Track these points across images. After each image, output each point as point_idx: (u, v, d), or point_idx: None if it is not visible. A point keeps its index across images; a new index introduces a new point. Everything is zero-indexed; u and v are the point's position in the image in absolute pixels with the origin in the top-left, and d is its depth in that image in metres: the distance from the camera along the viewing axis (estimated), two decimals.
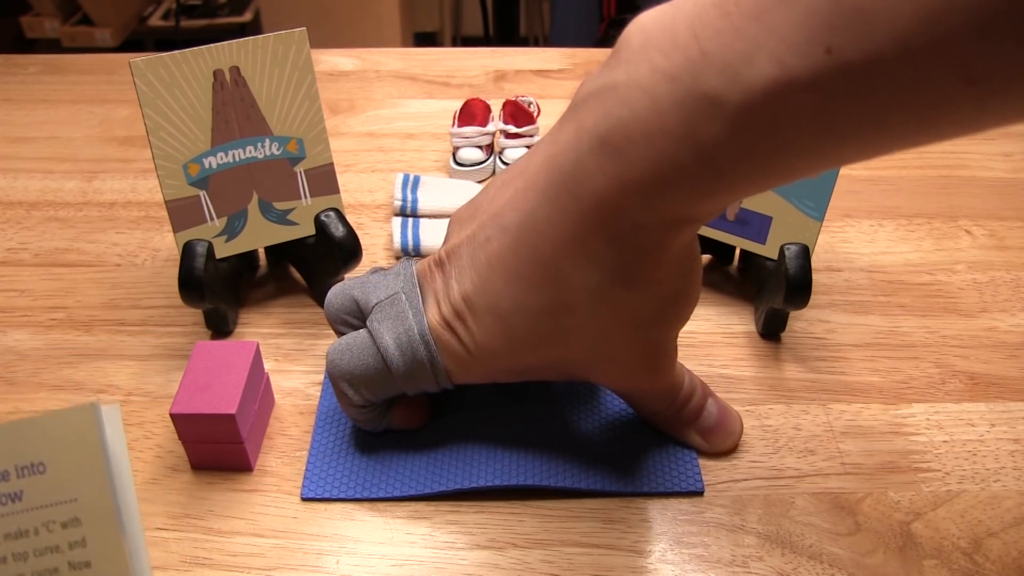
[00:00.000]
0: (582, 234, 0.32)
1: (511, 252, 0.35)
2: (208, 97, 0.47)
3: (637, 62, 0.29)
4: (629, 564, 0.38)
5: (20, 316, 0.53)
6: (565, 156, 0.32)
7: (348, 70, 0.84)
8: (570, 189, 0.32)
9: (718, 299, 0.54)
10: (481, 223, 0.36)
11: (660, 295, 0.35)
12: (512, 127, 0.67)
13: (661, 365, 0.39)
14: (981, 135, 0.72)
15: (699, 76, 0.27)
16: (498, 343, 0.36)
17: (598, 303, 0.34)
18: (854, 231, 0.61)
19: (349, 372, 0.38)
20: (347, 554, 0.39)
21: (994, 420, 0.45)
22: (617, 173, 0.30)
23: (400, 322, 0.38)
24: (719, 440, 0.43)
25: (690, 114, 0.27)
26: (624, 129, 0.29)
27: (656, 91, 0.28)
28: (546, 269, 0.34)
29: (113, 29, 2.15)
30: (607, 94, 0.30)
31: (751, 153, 0.27)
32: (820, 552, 0.38)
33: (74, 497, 0.28)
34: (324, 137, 0.50)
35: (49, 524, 0.28)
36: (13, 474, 0.28)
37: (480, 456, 0.42)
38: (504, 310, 0.35)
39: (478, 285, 0.36)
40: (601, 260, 0.33)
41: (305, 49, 0.48)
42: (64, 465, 0.28)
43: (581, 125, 0.31)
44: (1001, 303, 0.54)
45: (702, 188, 0.29)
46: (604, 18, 1.91)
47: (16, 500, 0.28)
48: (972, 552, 0.38)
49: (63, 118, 0.76)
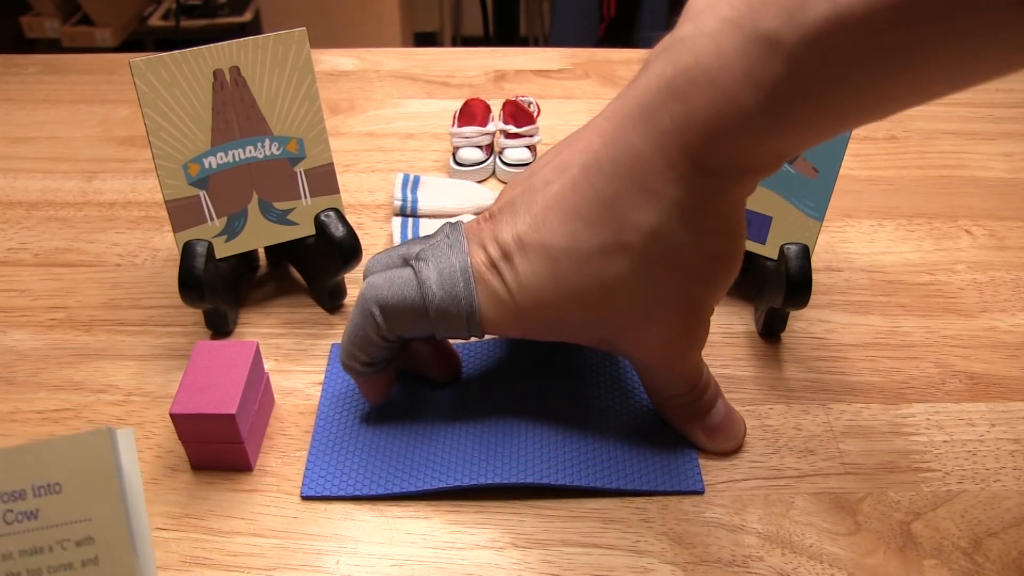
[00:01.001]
0: (646, 173, 0.34)
1: (571, 190, 0.36)
2: (208, 97, 0.47)
3: (704, 16, 0.31)
4: (629, 564, 0.38)
5: (20, 316, 0.53)
6: (634, 100, 0.34)
7: (348, 70, 0.84)
8: (637, 130, 0.34)
9: None
10: (540, 175, 0.37)
11: (709, 249, 0.36)
12: (512, 127, 0.67)
13: (695, 336, 0.40)
14: (981, 135, 0.72)
15: (759, 20, 0.29)
16: (544, 286, 0.37)
17: (651, 245, 0.35)
18: (854, 231, 0.61)
19: (385, 299, 0.38)
20: (347, 554, 0.39)
21: (994, 420, 0.45)
22: (682, 114, 0.32)
23: (442, 259, 0.38)
24: (722, 440, 0.43)
25: (750, 56, 0.29)
26: (689, 73, 0.31)
27: (720, 38, 0.30)
28: (605, 207, 0.35)
29: (113, 29, 2.15)
30: (675, 45, 0.32)
31: (808, 91, 0.29)
32: (820, 552, 0.38)
33: (88, 517, 0.29)
34: (324, 137, 0.50)
35: (64, 542, 0.29)
36: (30, 493, 0.29)
37: (480, 454, 0.42)
38: (556, 248, 0.36)
39: (532, 225, 0.36)
40: (661, 200, 0.34)
41: (305, 49, 0.48)
42: (79, 486, 0.29)
43: (650, 74, 0.33)
44: (1001, 303, 0.54)
45: (761, 128, 0.31)
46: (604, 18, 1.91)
47: (32, 518, 0.29)
48: (972, 552, 0.38)
49: (63, 118, 0.76)
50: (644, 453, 0.43)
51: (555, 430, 0.43)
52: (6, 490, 0.29)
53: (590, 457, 0.42)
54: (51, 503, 0.29)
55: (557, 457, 0.42)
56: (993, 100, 0.78)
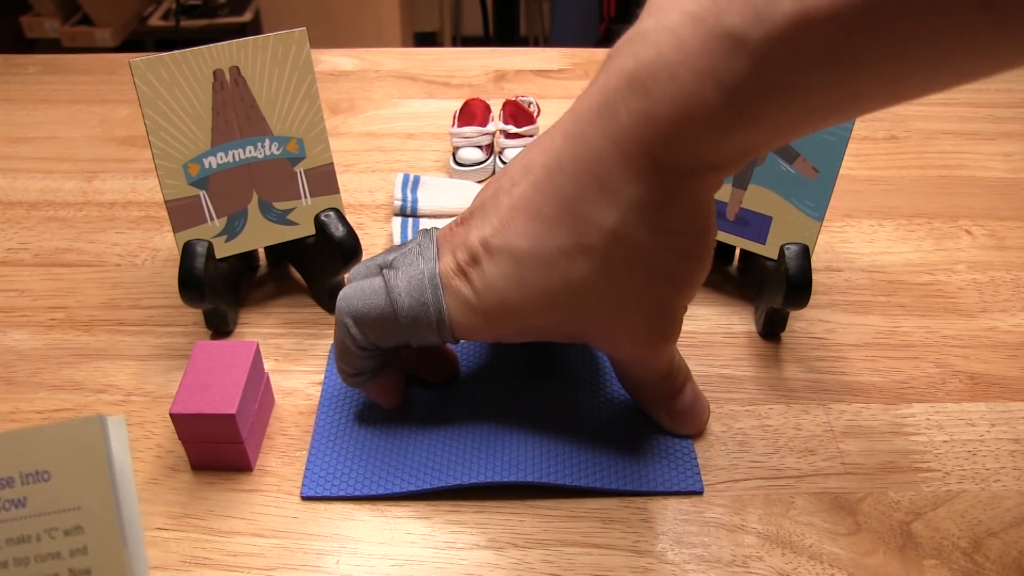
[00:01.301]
0: (605, 171, 0.33)
1: (534, 190, 0.35)
2: (208, 97, 0.47)
3: (667, 9, 0.30)
4: (629, 564, 0.38)
5: (20, 316, 0.53)
6: (593, 97, 0.33)
7: (348, 70, 0.84)
8: (596, 126, 0.33)
9: (718, 299, 0.54)
10: (508, 175, 0.37)
11: (674, 247, 0.35)
12: (512, 127, 0.67)
13: (667, 333, 0.39)
14: (981, 135, 0.72)
15: (723, 16, 0.28)
16: (510, 288, 0.36)
17: (614, 246, 0.35)
18: (854, 231, 0.61)
19: (358, 309, 0.38)
20: (347, 554, 0.39)
21: (994, 420, 0.45)
22: (642, 109, 0.31)
23: (412, 267, 0.38)
24: (686, 425, 0.43)
25: (714, 52, 0.29)
26: (650, 68, 0.31)
27: (682, 32, 0.29)
28: (567, 207, 0.35)
29: (113, 29, 2.15)
30: (637, 39, 0.32)
31: (772, 88, 0.29)
32: (820, 552, 0.38)
33: (77, 505, 0.29)
34: (324, 137, 0.50)
35: (52, 531, 0.29)
36: (18, 480, 0.29)
37: (480, 454, 0.42)
38: (521, 251, 0.36)
39: (498, 227, 0.36)
40: (622, 199, 0.33)
41: (305, 49, 0.48)
42: (69, 474, 0.29)
43: (611, 68, 0.33)
44: (1001, 303, 0.54)
45: (723, 125, 0.30)
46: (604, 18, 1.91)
47: (20, 506, 0.29)
48: (972, 552, 0.38)
49: (63, 118, 0.76)
50: (643, 453, 0.43)
51: (555, 430, 0.43)
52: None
53: (590, 457, 0.42)
54: (40, 491, 0.29)
55: (557, 457, 0.42)
56: (993, 100, 0.78)
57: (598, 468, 0.42)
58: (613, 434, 0.44)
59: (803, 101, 0.29)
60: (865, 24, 0.25)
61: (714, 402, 0.46)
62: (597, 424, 0.44)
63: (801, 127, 0.31)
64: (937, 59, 0.26)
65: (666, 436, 0.43)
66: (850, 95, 0.29)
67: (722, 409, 0.46)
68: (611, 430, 0.44)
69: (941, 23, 0.25)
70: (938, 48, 0.26)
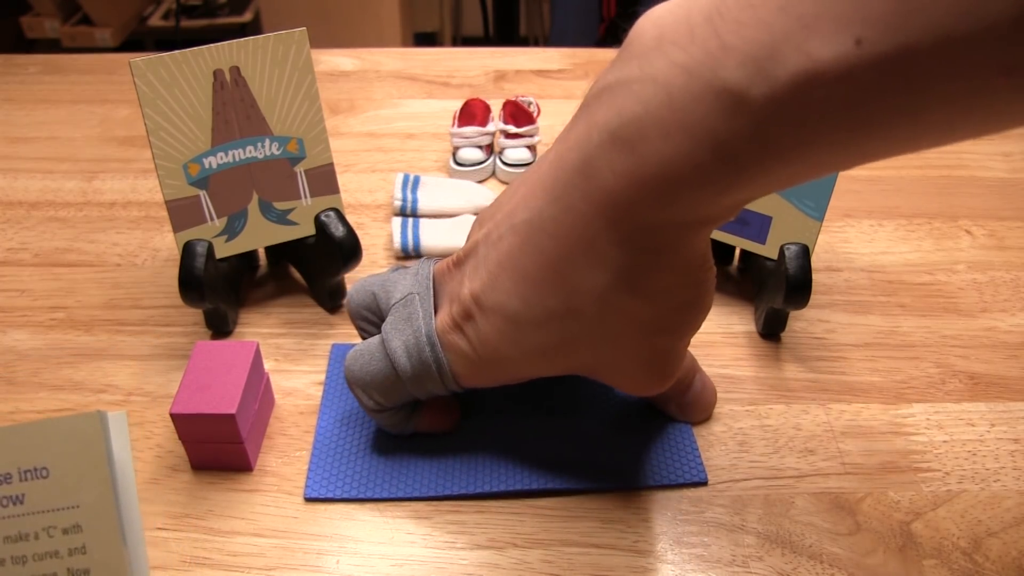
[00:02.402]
0: (589, 234, 0.32)
1: (519, 251, 0.34)
2: (208, 97, 0.47)
3: (652, 57, 0.28)
4: (629, 564, 0.38)
5: (20, 316, 0.53)
6: (574, 153, 0.31)
7: (348, 70, 0.84)
8: (578, 187, 0.31)
9: (718, 299, 0.54)
10: (496, 222, 0.36)
11: (669, 304, 0.34)
12: (512, 127, 0.67)
13: (669, 372, 0.38)
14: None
15: (720, 70, 0.26)
16: (504, 345, 0.36)
17: (605, 309, 0.33)
18: (854, 231, 0.61)
19: (361, 378, 0.39)
20: (347, 554, 0.39)
21: (994, 420, 0.45)
22: (628, 170, 0.29)
23: (409, 325, 0.38)
24: (695, 413, 0.44)
25: (710, 109, 0.26)
26: (638, 125, 0.28)
27: (672, 86, 0.27)
28: (553, 270, 0.33)
29: (113, 29, 2.15)
30: (620, 89, 0.29)
31: (775, 148, 0.26)
32: (820, 552, 0.38)
33: (76, 503, 0.28)
34: (324, 137, 0.50)
35: (50, 529, 0.28)
36: (16, 477, 0.28)
37: (484, 459, 0.42)
38: (511, 311, 0.35)
39: (487, 284, 0.35)
40: (609, 263, 0.32)
41: (305, 49, 0.48)
42: (68, 471, 0.28)
43: (592, 121, 0.30)
44: (1001, 303, 0.54)
45: (719, 186, 0.28)
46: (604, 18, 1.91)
47: (18, 503, 0.28)
48: (972, 552, 0.38)
49: (63, 118, 0.76)
50: (645, 450, 0.43)
51: (557, 434, 0.43)
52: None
53: (593, 459, 0.42)
54: (38, 488, 0.28)
55: (560, 462, 0.42)
56: None
57: (600, 470, 0.42)
58: (614, 431, 0.44)
59: (808, 159, 0.27)
60: (877, 85, 0.23)
61: None
62: (599, 426, 0.44)
63: (802, 179, 0.29)
64: (952, 121, 0.25)
65: (667, 430, 0.44)
66: (858, 152, 0.27)
67: (722, 409, 0.46)
68: (611, 427, 0.44)
69: (959, 88, 0.23)
70: (954, 111, 0.24)
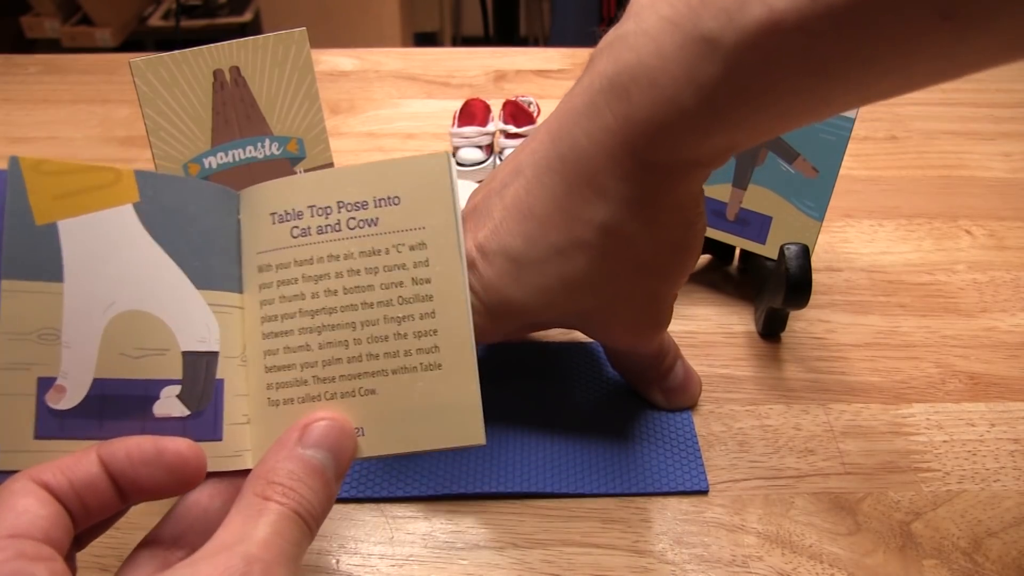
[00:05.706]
0: (593, 170, 0.34)
1: (524, 191, 0.36)
2: (208, 97, 0.47)
3: (645, 14, 0.31)
4: (629, 564, 0.38)
5: None
6: (580, 98, 0.34)
7: (348, 70, 0.84)
8: (582, 127, 0.34)
9: (718, 299, 0.54)
10: (499, 178, 0.38)
11: (664, 239, 0.36)
12: (512, 127, 0.67)
13: (658, 322, 0.41)
14: (981, 135, 0.72)
15: (698, 20, 0.29)
16: (508, 287, 0.37)
17: (605, 238, 0.35)
18: (854, 231, 0.61)
19: None
20: (347, 554, 0.39)
21: (994, 420, 0.45)
22: (625, 113, 0.32)
23: None
24: (679, 400, 0.45)
25: (690, 56, 0.30)
26: (631, 72, 0.32)
27: (660, 37, 0.30)
28: (558, 205, 0.35)
29: (113, 29, 2.15)
30: (618, 43, 0.33)
31: (746, 92, 0.30)
32: (820, 552, 0.38)
33: (423, 225, 0.32)
34: (324, 137, 0.50)
35: (399, 246, 0.32)
36: (371, 204, 0.33)
37: (485, 461, 0.42)
38: (515, 250, 0.36)
39: (492, 231, 0.37)
40: (611, 195, 0.35)
41: (305, 49, 0.48)
42: (417, 199, 0.33)
43: (595, 71, 0.34)
44: (1001, 303, 0.54)
45: (703, 128, 0.31)
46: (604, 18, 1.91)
47: (372, 225, 0.33)
48: (972, 552, 0.38)
49: (63, 118, 0.76)
50: (647, 457, 0.43)
51: (557, 436, 0.43)
52: (350, 200, 0.33)
53: (594, 463, 0.42)
54: (390, 213, 0.33)
55: (560, 464, 0.42)
56: (993, 100, 0.78)
57: (603, 474, 0.42)
58: (616, 438, 0.44)
59: (777, 104, 0.30)
60: (831, 33, 0.26)
61: (714, 402, 0.46)
62: (600, 429, 0.44)
63: (780, 127, 0.32)
64: (903, 65, 0.27)
65: (671, 436, 0.44)
66: (823, 99, 0.30)
67: (722, 409, 0.46)
68: (614, 434, 0.44)
69: (904, 32, 0.26)
70: (903, 56, 0.27)
